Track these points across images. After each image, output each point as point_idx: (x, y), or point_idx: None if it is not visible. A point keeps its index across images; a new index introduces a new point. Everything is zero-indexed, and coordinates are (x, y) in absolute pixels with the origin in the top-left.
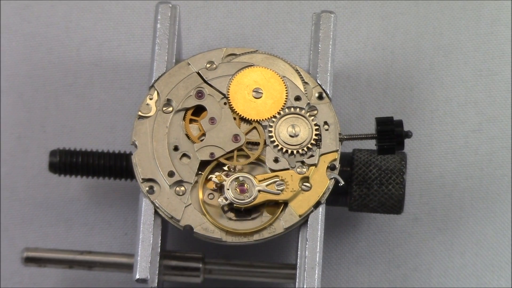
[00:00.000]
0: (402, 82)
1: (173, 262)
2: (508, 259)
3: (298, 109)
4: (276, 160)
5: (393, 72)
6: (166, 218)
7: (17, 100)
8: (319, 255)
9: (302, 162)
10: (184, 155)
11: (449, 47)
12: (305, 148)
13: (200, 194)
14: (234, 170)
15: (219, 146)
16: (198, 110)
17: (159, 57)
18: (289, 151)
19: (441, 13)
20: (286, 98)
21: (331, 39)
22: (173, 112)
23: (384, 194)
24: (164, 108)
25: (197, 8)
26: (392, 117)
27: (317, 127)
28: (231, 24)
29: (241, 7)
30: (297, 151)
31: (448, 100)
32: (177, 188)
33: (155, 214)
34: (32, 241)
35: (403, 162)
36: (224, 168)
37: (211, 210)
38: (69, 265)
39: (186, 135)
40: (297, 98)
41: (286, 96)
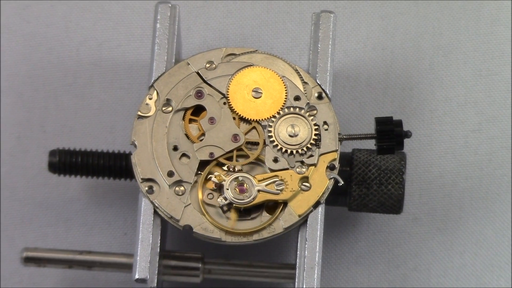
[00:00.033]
0: (402, 82)
1: (173, 262)
2: (507, 259)
3: (297, 109)
4: (275, 160)
5: (392, 72)
6: (166, 218)
7: (16, 100)
8: (318, 255)
9: (302, 162)
10: (183, 155)
11: (449, 47)
12: (305, 148)
13: (200, 194)
14: (233, 170)
15: (218, 146)
16: (198, 110)
17: (159, 57)
18: (289, 151)
19: (440, 13)
20: (285, 98)
21: (330, 39)
22: (172, 112)
23: (383, 194)
24: (163, 108)
25: (197, 8)
26: (391, 117)
27: (316, 127)
28: (231, 24)
29: (240, 7)
30: (297, 151)
31: (448, 100)
32: (177, 188)
33: (154, 214)
34: (32, 241)
35: (402, 162)
36: (223, 168)
37: (211, 210)
38: (69, 265)
39: (186, 135)
40: (297, 98)
41: (286, 96)
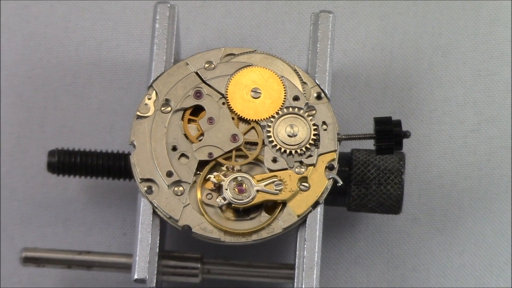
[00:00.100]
0: (401, 82)
1: (172, 262)
2: (507, 259)
3: (296, 109)
4: (274, 160)
5: (391, 72)
6: (165, 218)
7: (16, 100)
8: (317, 255)
9: (301, 162)
10: (182, 155)
11: (448, 47)
12: (304, 148)
13: (199, 194)
14: (232, 170)
15: (217, 146)
16: (197, 110)
17: (158, 57)
18: (288, 151)
19: (440, 13)
20: (284, 98)
21: (329, 39)
22: (171, 112)
23: (382, 194)
24: (162, 108)
25: (196, 8)
26: (390, 117)
27: (315, 127)
28: (230, 24)
29: (239, 7)
30: (296, 151)
31: (447, 100)
32: (176, 188)
33: (153, 214)
34: (31, 241)
35: (401, 162)
36: (222, 168)
37: (210, 210)
38: (68, 265)
39: (185, 135)
40: (296, 98)
41: (285, 96)
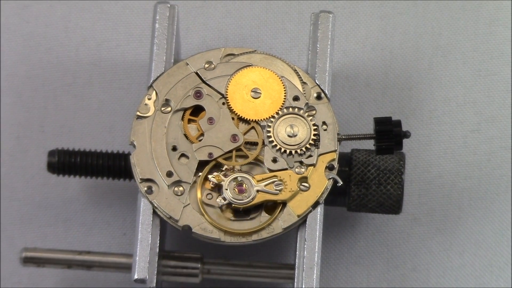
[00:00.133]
0: (401, 82)
1: (172, 262)
2: (507, 259)
3: (296, 109)
4: (274, 160)
5: (391, 72)
6: (165, 218)
7: (16, 100)
8: (317, 255)
9: (301, 162)
10: (182, 155)
11: (448, 47)
12: (304, 148)
13: (199, 194)
14: (232, 170)
15: (217, 146)
16: (197, 110)
17: (158, 57)
18: (288, 151)
19: (440, 13)
20: (284, 98)
21: (329, 39)
22: (171, 112)
23: (382, 194)
24: (162, 108)
25: (196, 8)
26: (390, 117)
27: (315, 127)
28: (230, 24)
29: (239, 7)
30: (296, 151)
31: (447, 100)
32: (176, 188)
33: (153, 214)
34: (31, 241)
35: (401, 162)
36: (222, 168)
37: (210, 210)
38: (68, 265)
39: (185, 135)
40: (296, 98)
41: (285, 96)
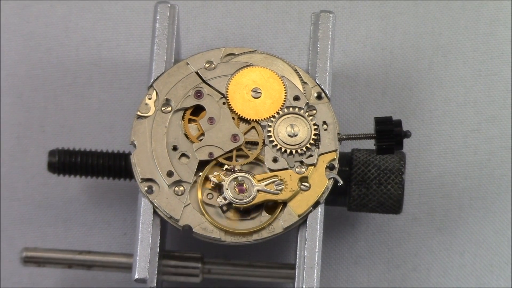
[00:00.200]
0: (401, 82)
1: (172, 262)
2: (507, 259)
3: (297, 109)
4: (275, 160)
5: (392, 72)
6: (165, 218)
7: (16, 100)
8: (318, 255)
9: (301, 162)
10: (183, 155)
11: (448, 47)
12: (304, 148)
13: (199, 194)
14: (233, 170)
15: (218, 146)
16: (197, 110)
17: (158, 57)
18: (288, 151)
19: (440, 13)
20: (285, 98)
21: (330, 39)
22: (172, 112)
23: (383, 194)
24: (163, 108)
25: (196, 8)
26: (391, 117)
27: (316, 127)
28: (230, 24)
29: (240, 7)
30: (296, 151)
31: (447, 100)
32: (176, 188)
33: (154, 214)
34: (31, 241)
35: (402, 162)
36: (223, 168)
37: (210, 210)
38: (68, 265)
39: (185, 135)
40: (296, 98)
41: (285, 96)
